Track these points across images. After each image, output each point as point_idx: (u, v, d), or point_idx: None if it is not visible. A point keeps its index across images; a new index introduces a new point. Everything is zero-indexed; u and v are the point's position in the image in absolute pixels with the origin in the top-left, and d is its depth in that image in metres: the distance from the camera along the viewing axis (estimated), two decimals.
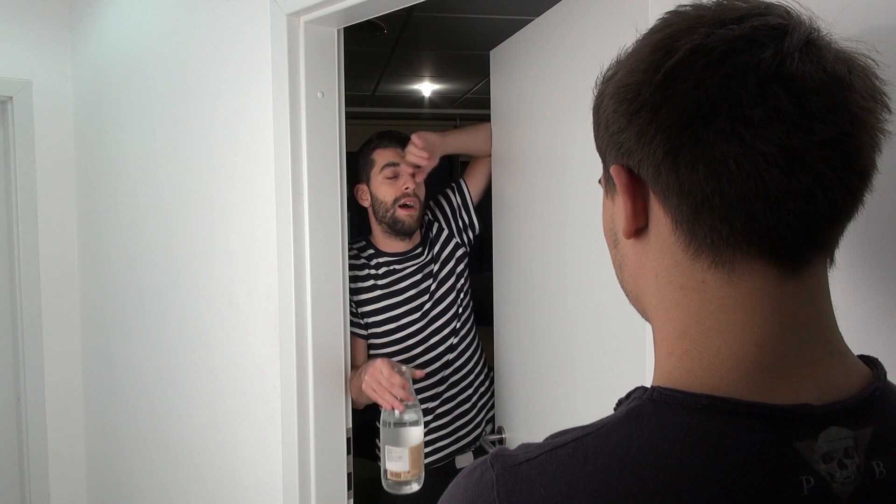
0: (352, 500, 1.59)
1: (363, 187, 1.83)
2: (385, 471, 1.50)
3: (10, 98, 2.36)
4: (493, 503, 0.44)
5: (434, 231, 1.92)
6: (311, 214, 1.49)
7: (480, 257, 2.06)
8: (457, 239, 1.92)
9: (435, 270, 1.87)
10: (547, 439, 0.47)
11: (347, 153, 1.58)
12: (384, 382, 1.50)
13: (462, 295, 1.90)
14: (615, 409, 0.48)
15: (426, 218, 1.92)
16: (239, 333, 1.70)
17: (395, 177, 1.78)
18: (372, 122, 5.65)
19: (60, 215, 2.47)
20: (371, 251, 1.85)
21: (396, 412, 1.48)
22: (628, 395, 0.48)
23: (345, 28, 1.53)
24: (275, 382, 1.55)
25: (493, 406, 1.95)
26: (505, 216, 1.76)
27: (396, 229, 1.80)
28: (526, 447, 0.47)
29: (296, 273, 1.48)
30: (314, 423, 1.51)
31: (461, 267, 1.91)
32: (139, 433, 2.19)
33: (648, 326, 0.53)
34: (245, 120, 1.61)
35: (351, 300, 1.74)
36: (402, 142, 1.80)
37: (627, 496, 0.42)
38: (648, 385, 0.48)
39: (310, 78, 1.47)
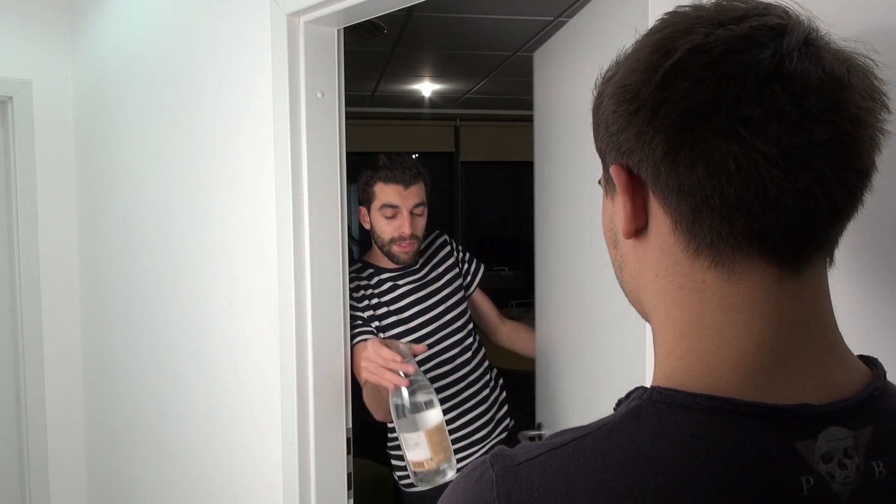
0: (352, 500, 1.59)
1: (364, 210, 1.82)
2: (408, 464, 1.36)
3: (10, 98, 2.36)
4: (492, 502, 0.44)
5: (450, 260, 1.93)
6: (311, 214, 1.49)
7: None
8: (461, 276, 1.95)
9: (439, 287, 1.87)
10: (547, 439, 0.47)
11: (348, 153, 1.58)
12: (378, 360, 1.36)
13: (467, 318, 1.91)
14: (615, 409, 0.48)
15: (447, 248, 1.94)
16: (239, 333, 1.70)
17: (394, 216, 1.75)
18: (372, 122, 5.65)
19: (60, 215, 2.47)
20: (370, 270, 1.83)
21: (404, 393, 1.33)
22: (628, 396, 0.48)
23: (345, 28, 1.53)
24: (275, 382, 1.55)
25: (507, 411, 1.95)
26: (546, 218, 1.75)
27: (392, 261, 1.81)
28: (526, 447, 0.47)
29: (296, 273, 1.48)
30: (314, 423, 1.51)
31: (460, 294, 1.92)
32: (139, 433, 2.19)
33: (649, 326, 0.53)
34: (245, 120, 1.61)
35: (361, 316, 1.74)
36: (406, 179, 1.74)
37: (627, 496, 0.42)
38: (648, 385, 0.48)
39: (310, 78, 1.47)
